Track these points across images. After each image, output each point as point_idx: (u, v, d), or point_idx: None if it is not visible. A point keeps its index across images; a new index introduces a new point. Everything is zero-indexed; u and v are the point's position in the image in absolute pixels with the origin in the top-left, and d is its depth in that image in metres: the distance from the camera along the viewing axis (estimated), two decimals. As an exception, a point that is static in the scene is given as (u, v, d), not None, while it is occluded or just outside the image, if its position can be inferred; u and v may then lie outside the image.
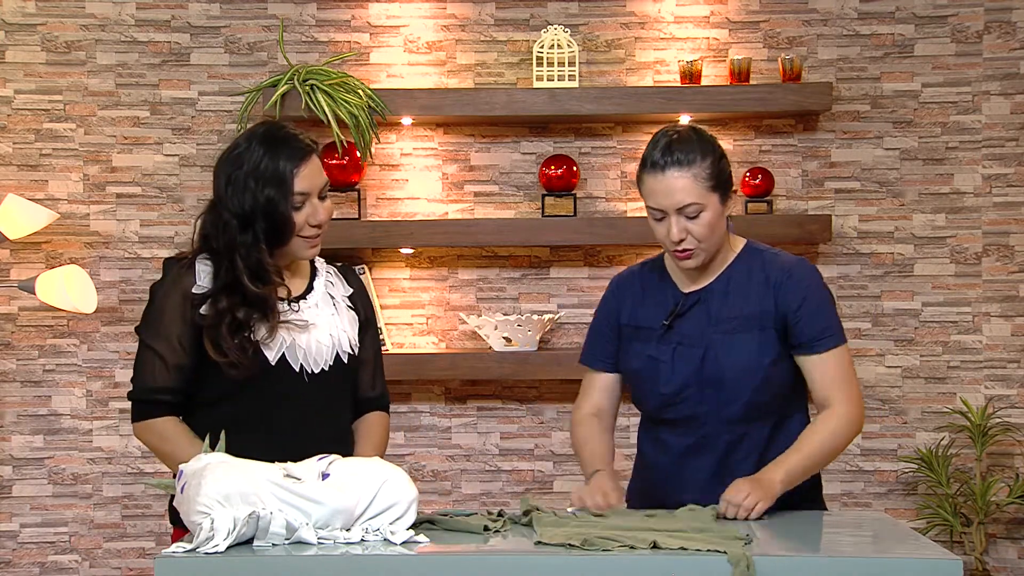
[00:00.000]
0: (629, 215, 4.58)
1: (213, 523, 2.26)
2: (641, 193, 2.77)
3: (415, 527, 2.39)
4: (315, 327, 2.79)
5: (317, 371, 2.78)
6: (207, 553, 2.22)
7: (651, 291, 2.89)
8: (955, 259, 4.60)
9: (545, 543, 2.32)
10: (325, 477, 2.34)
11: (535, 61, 4.48)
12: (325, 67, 4.45)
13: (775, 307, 2.77)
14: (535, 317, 4.45)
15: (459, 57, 4.60)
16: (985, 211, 4.59)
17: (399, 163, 4.62)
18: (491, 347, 4.48)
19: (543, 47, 4.48)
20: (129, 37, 4.58)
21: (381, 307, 4.55)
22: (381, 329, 4.44)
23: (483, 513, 2.58)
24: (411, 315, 4.62)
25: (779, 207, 4.58)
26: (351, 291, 2.93)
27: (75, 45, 4.57)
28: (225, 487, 2.29)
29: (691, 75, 4.43)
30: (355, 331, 2.88)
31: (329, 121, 4.33)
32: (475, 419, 4.64)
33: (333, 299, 2.87)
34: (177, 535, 2.71)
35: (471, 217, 4.59)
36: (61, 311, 4.49)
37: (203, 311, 2.70)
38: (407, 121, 4.53)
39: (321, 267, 2.91)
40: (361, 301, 2.94)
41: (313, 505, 2.31)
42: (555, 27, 4.47)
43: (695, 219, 2.72)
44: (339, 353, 2.82)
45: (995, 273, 4.60)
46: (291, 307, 2.78)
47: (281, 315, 2.73)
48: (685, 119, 4.43)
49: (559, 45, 4.47)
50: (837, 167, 4.60)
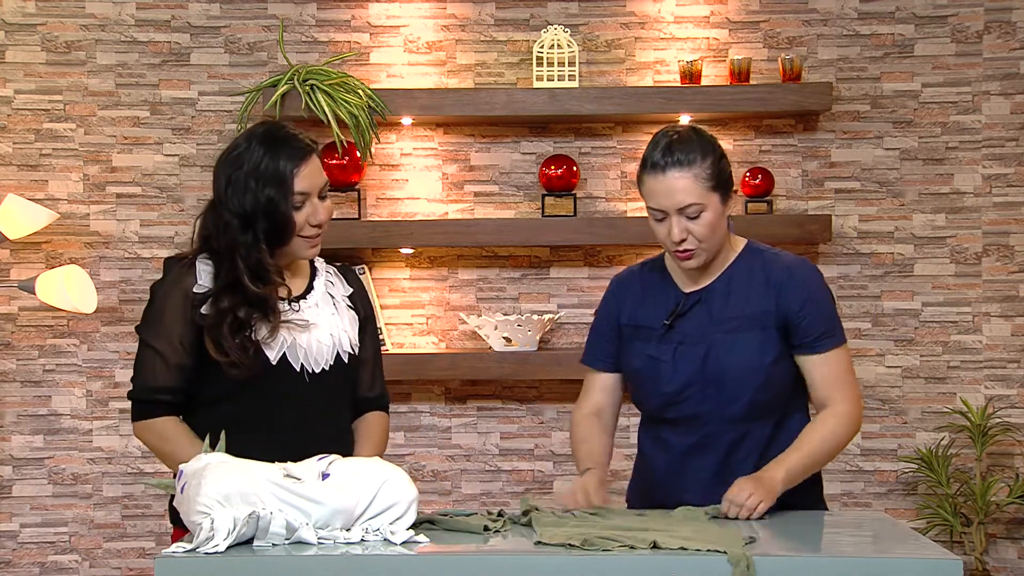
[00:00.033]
0: (629, 215, 4.58)
1: (213, 523, 2.26)
2: (642, 194, 2.77)
3: (415, 527, 2.39)
4: (316, 327, 2.79)
5: (318, 371, 2.78)
6: (207, 553, 2.22)
7: (652, 291, 2.89)
8: (955, 259, 4.60)
9: (545, 543, 2.32)
10: (325, 477, 2.34)
11: (535, 61, 4.48)
12: (325, 67, 4.45)
13: (777, 307, 2.77)
14: (535, 317, 4.45)
15: (459, 57, 4.60)
16: (985, 211, 4.59)
17: (399, 163, 4.62)
18: (491, 347, 4.48)
19: (543, 47, 4.48)
20: (129, 37, 4.58)
21: (381, 307, 4.55)
22: (381, 329, 4.44)
23: (483, 513, 2.58)
24: (411, 315, 4.62)
25: (779, 207, 4.58)
26: (351, 291, 2.93)
27: (75, 45, 4.57)
28: (225, 487, 2.29)
29: (691, 75, 4.43)
30: (355, 331, 2.89)
31: (329, 121, 4.33)
32: (475, 419, 4.64)
33: (333, 299, 2.87)
34: (177, 535, 2.71)
35: (471, 217, 4.59)
36: (61, 311, 4.49)
37: (204, 311, 2.71)
38: (407, 121, 4.53)
39: (321, 267, 2.91)
40: (361, 301, 2.95)
41: (313, 505, 2.31)
42: (555, 27, 4.47)
43: (696, 219, 2.72)
44: (339, 353, 2.82)
45: (995, 273, 4.60)
46: (291, 307, 2.78)
47: (282, 315, 2.74)
48: (685, 119, 4.43)
49: (559, 45, 4.47)
50: (837, 167, 4.60)
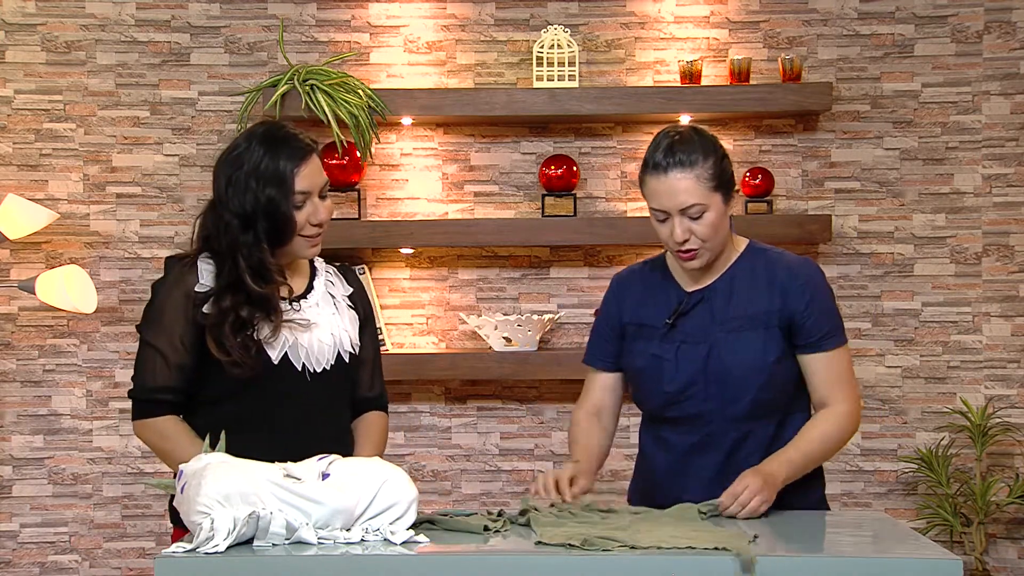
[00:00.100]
0: (629, 215, 4.57)
1: (213, 523, 2.26)
2: (644, 195, 2.77)
3: (415, 527, 2.39)
4: (317, 326, 2.79)
5: (319, 370, 2.78)
6: (207, 553, 2.22)
7: (653, 290, 2.88)
8: (955, 259, 4.60)
9: (545, 543, 2.31)
10: (325, 477, 2.34)
11: (535, 61, 4.48)
12: (325, 67, 4.45)
13: (781, 306, 2.77)
14: (535, 317, 4.45)
15: (459, 57, 4.60)
16: (985, 211, 4.59)
17: (399, 163, 4.62)
18: (491, 347, 4.48)
19: (543, 47, 4.48)
20: (129, 37, 4.58)
21: (381, 307, 4.55)
22: (381, 329, 4.44)
23: (483, 513, 2.58)
24: (411, 315, 4.62)
25: (779, 207, 4.58)
26: (351, 291, 2.93)
27: (75, 45, 4.57)
28: (225, 487, 2.29)
29: (691, 75, 4.43)
30: (356, 330, 2.89)
31: (329, 121, 4.33)
32: (475, 419, 4.64)
33: (333, 298, 2.88)
34: (177, 535, 2.71)
35: (471, 217, 4.59)
36: (61, 311, 4.49)
37: (205, 310, 2.71)
38: (407, 121, 4.53)
39: (320, 267, 2.92)
40: (361, 301, 2.95)
41: (313, 505, 2.31)
42: (555, 27, 4.47)
43: (698, 219, 2.72)
44: (340, 352, 2.82)
45: (995, 273, 4.60)
46: (292, 306, 2.78)
47: (283, 314, 2.74)
48: (685, 119, 4.43)
49: (559, 45, 4.47)
50: (837, 167, 4.60)
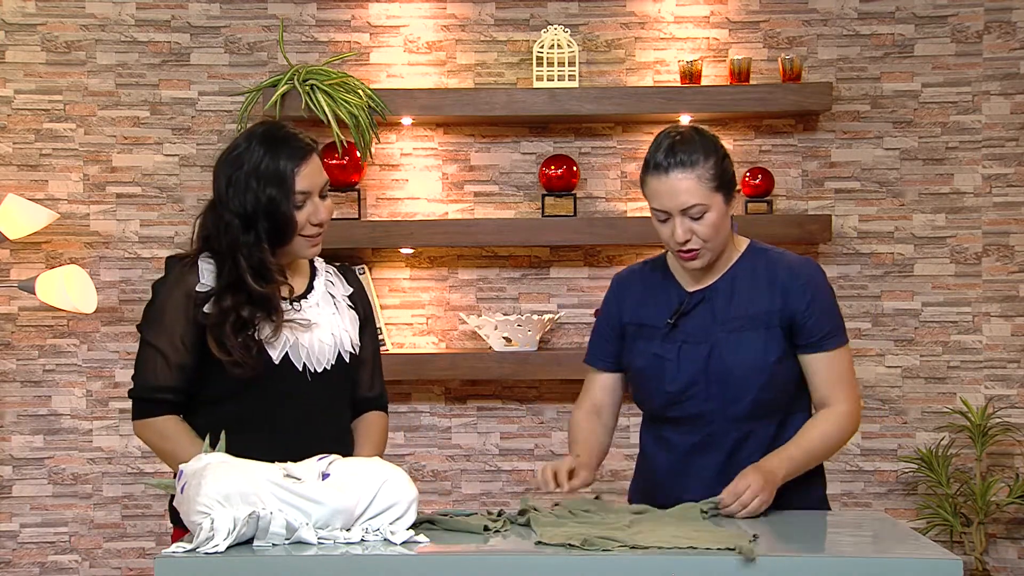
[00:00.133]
0: (629, 215, 4.57)
1: (213, 523, 2.26)
2: (645, 195, 2.77)
3: (415, 527, 2.39)
4: (317, 326, 2.79)
5: (320, 370, 2.78)
6: (207, 553, 2.22)
7: (654, 289, 2.88)
8: (955, 259, 4.60)
9: (545, 543, 2.31)
10: (325, 477, 2.34)
11: (535, 61, 4.48)
12: (325, 67, 4.45)
13: (782, 306, 2.77)
14: (535, 317, 4.45)
15: (459, 57, 4.60)
16: (985, 211, 4.59)
17: (399, 163, 4.62)
18: (491, 347, 4.48)
19: (543, 47, 4.48)
20: (129, 37, 4.58)
21: (381, 307, 4.55)
22: (381, 329, 4.44)
23: (483, 513, 2.58)
24: (411, 315, 4.62)
25: (779, 207, 4.58)
26: (351, 291, 2.94)
27: (75, 45, 4.57)
28: (225, 487, 2.29)
29: (691, 75, 4.43)
30: (356, 331, 2.89)
31: (329, 121, 4.33)
32: (475, 419, 4.64)
33: (334, 298, 2.88)
34: (177, 535, 2.71)
35: (471, 217, 4.59)
36: (61, 311, 4.49)
37: (206, 310, 2.71)
38: (407, 121, 4.53)
39: (320, 267, 2.92)
40: (361, 301, 2.95)
41: (313, 505, 2.31)
42: (555, 27, 4.47)
43: (700, 220, 2.71)
44: (341, 352, 2.82)
45: (995, 273, 4.60)
46: (293, 306, 2.78)
47: (284, 314, 2.74)
48: (685, 119, 4.43)
49: (559, 45, 4.47)
50: (837, 167, 4.60)
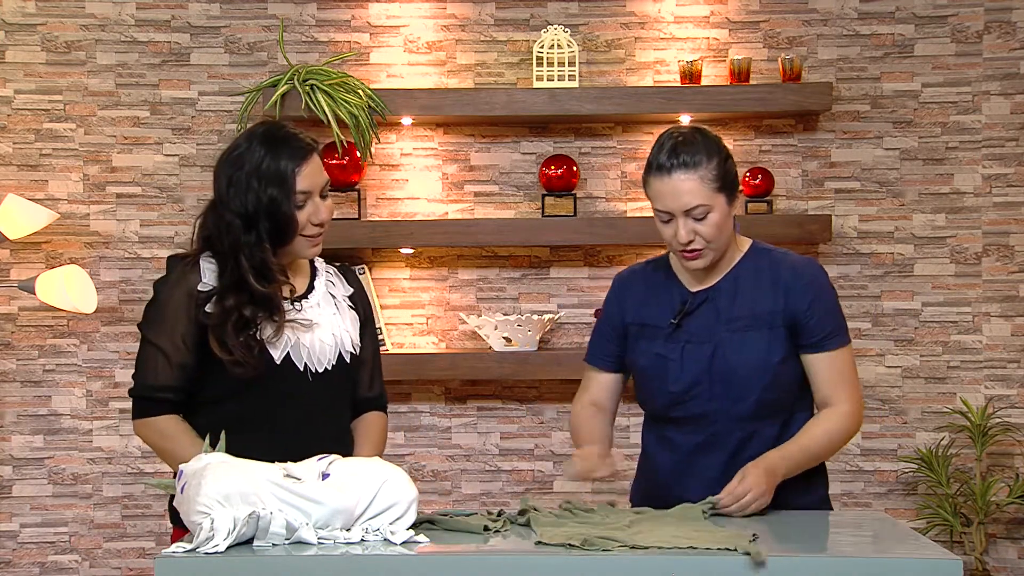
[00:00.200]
0: (629, 215, 4.57)
1: (213, 523, 2.26)
2: (647, 195, 2.77)
3: (415, 527, 2.39)
4: (318, 326, 2.79)
5: (321, 370, 2.78)
6: (207, 553, 2.22)
7: (656, 289, 2.88)
8: (955, 259, 4.60)
9: (545, 543, 2.31)
10: (325, 477, 2.34)
11: (535, 61, 4.48)
12: (325, 67, 4.45)
13: (784, 306, 2.77)
14: (535, 317, 4.45)
15: (459, 57, 4.60)
16: (985, 211, 4.59)
17: (399, 163, 4.62)
18: (491, 347, 4.48)
19: (543, 47, 4.48)
20: (129, 37, 4.58)
21: (381, 307, 4.55)
22: (381, 329, 4.44)
23: (483, 513, 2.58)
24: (411, 315, 4.62)
25: (779, 207, 4.58)
26: (351, 291, 2.94)
27: (75, 45, 4.57)
28: (225, 487, 2.29)
29: (691, 75, 4.43)
30: (356, 331, 2.89)
31: (329, 121, 4.33)
32: (475, 419, 4.64)
33: (334, 299, 2.88)
34: (177, 535, 2.70)
35: (471, 217, 4.59)
36: (61, 311, 4.49)
37: (208, 309, 2.70)
38: (407, 121, 4.53)
39: (321, 267, 2.92)
40: (361, 301, 2.95)
41: (313, 505, 2.31)
42: (555, 27, 4.47)
43: (702, 220, 2.71)
44: (342, 353, 2.82)
45: (995, 273, 4.60)
46: (294, 306, 2.78)
47: (286, 314, 2.74)
48: (685, 119, 4.43)
49: (559, 45, 4.47)
50: (837, 167, 4.60)
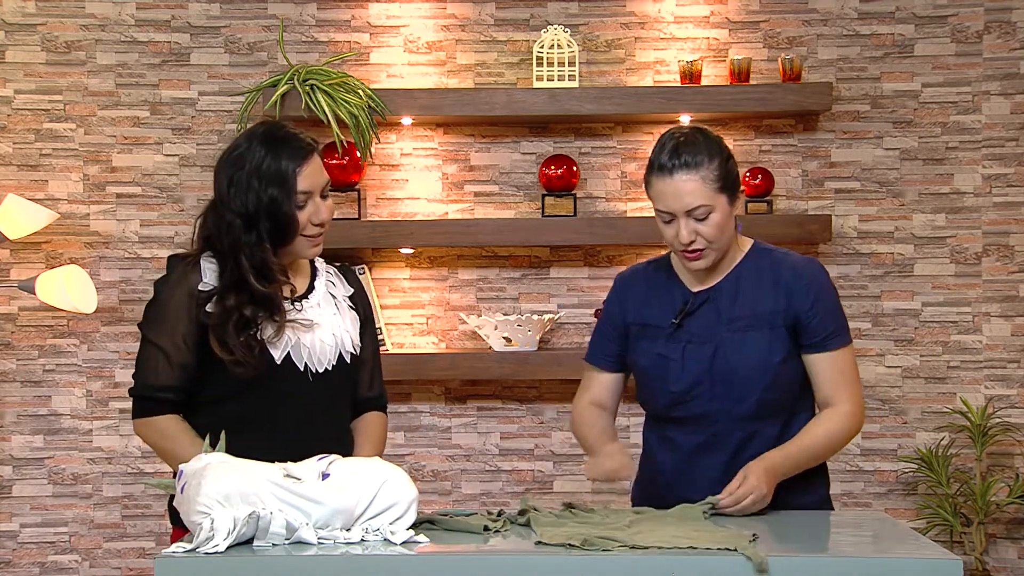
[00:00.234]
0: (629, 215, 4.57)
1: (213, 523, 2.26)
2: (649, 196, 2.77)
3: (415, 527, 2.39)
4: (319, 327, 2.79)
5: (321, 371, 2.78)
6: (207, 553, 2.22)
7: (657, 289, 2.88)
8: (955, 259, 4.60)
9: (545, 543, 2.31)
10: (325, 477, 2.34)
11: (535, 61, 4.48)
12: (325, 67, 4.45)
13: (786, 306, 2.77)
14: (535, 317, 4.45)
15: (459, 57, 4.60)
16: (985, 211, 4.59)
17: (399, 163, 4.62)
18: (491, 347, 4.48)
19: (543, 47, 4.48)
20: (129, 37, 4.58)
21: (381, 307, 4.55)
22: (381, 329, 4.44)
23: (483, 513, 2.58)
24: (411, 315, 4.62)
25: (779, 207, 4.58)
26: (352, 291, 2.94)
27: (75, 45, 4.57)
28: (225, 487, 2.29)
29: (691, 75, 4.43)
30: (356, 331, 2.89)
31: (329, 121, 4.33)
32: (475, 419, 4.64)
33: (335, 299, 2.88)
34: (177, 535, 2.70)
35: (471, 217, 4.59)
36: (61, 311, 4.49)
37: (209, 309, 2.70)
38: (407, 121, 4.53)
39: (321, 267, 2.92)
40: (361, 301, 2.95)
41: (313, 505, 2.31)
42: (555, 27, 4.47)
43: (704, 221, 2.71)
44: (342, 353, 2.83)
45: (995, 273, 4.60)
46: (294, 306, 2.78)
47: (287, 314, 2.74)
48: (685, 119, 4.43)
49: (559, 45, 4.47)
50: (837, 167, 4.60)
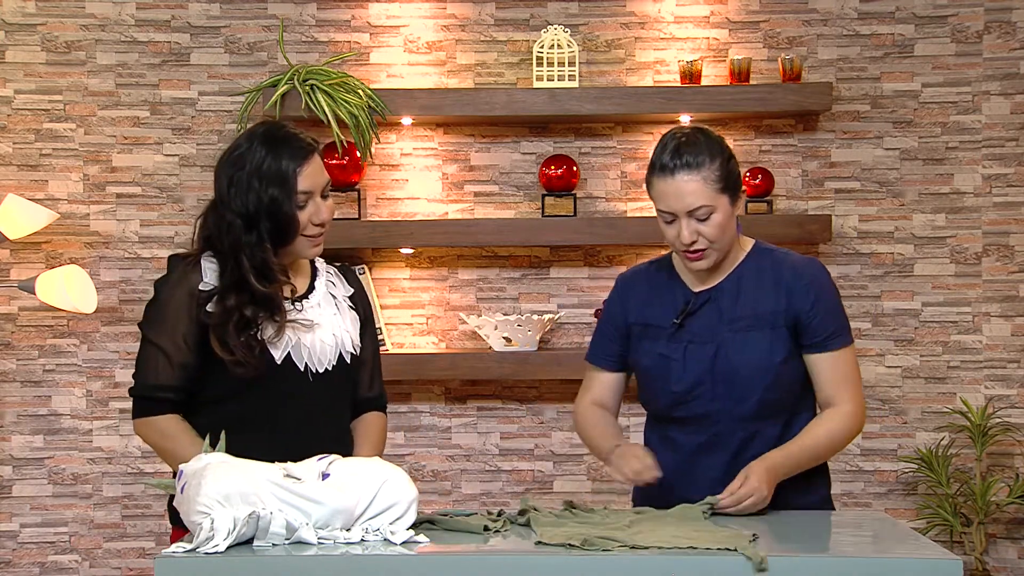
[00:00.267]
0: (629, 215, 4.57)
1: (213, 523, 2.26)
2: (650, 196, 2.77)
3: (415, 527, 2.39)
4: (319, 327, 2.79)
5: (321, 371, 2.78)
6: (207, 553, 2.22)
7: (659, 290, 2.88)
8: (955, 259, 4.60)
9: (545, 543, 2.31)
10: (325, 477, 2.34)
11: (535, 61, 4.48)
12: (325, 67, 4.45)
13: (787, 306, 2.77)
14: (535, 317, 4.45)
15: (459, 57, 4.60)
16: (985, 211, 4.59)
17: (399, 163, 4.62)
18: (491, 347, 4.48)
19: (543, 47, 4.48)
20: (129, 37, 4.58)
21: (381, 307, 4.55)
22: (380, 329, 4.44)
23: (483, 513, 2.58)
24: (411, 315, 4.62)
25: (779, 207, 4.58)
26: (352, 291, 2.94)
27: (75, 45, 4.57)
28: (225, 487, 2.29)
29: (691, 75, 4.43)
30: (357, 331, 2.89)
31: (329, 121, 4.33)
32: (475, 419, 4.64)
33: (335, 299, 2.88)
34: (177, 535, 2.70)
35: (471, 217, 4.59)
36: (61, 311, 4.49)
37: (209, 309, 2.70)
38: (407, 121, 4.53)
39: (321, 267, 2.92)
40: (361, 301, 2.95)
41: (313, 505, 2.31)
42: (555, 27, 4.47)
43: (706, 221, 2.71)
44: (342, 353, 2.83)
45: (995, 273, 4.60)
46: (295, 307, 2.78)
47: (287, 314, 2.74)
48: (685, 119, 4.43)
49: (559, 45, 4.47)
50: (837, 167, 4.60)
